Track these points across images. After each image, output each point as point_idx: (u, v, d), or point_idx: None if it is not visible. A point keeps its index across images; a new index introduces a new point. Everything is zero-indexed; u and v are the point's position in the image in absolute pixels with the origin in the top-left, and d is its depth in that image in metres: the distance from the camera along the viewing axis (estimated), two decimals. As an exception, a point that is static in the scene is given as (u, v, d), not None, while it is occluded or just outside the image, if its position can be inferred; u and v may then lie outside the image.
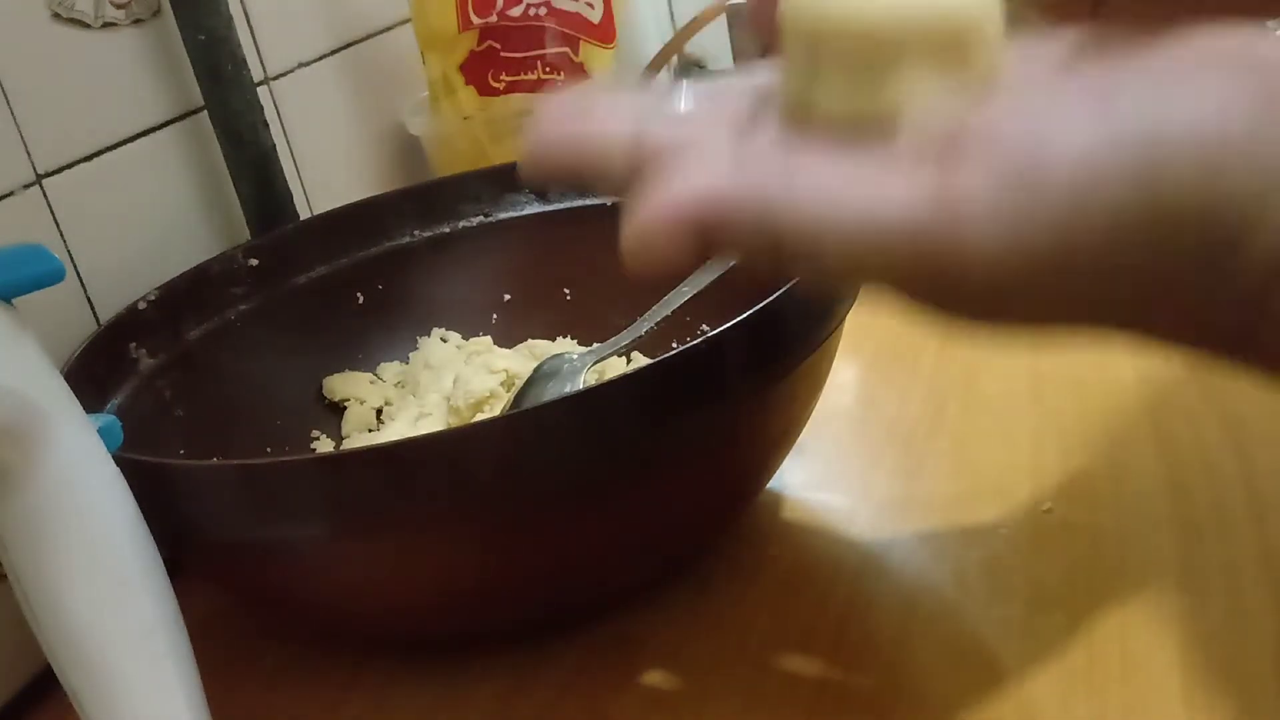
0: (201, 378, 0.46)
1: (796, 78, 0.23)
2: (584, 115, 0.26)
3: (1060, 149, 0.19)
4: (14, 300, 0.28)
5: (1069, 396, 0.47)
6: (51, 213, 0.45)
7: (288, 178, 0.55)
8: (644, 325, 0.43)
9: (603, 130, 0.25)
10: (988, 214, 0.19)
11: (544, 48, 0.63)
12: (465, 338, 0.53)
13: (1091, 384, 0.47)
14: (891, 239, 0.20)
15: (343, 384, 0.51)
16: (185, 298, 0.47)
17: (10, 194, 0.43)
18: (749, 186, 0.22)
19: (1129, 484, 0.41)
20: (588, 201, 0.52)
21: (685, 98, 0.27)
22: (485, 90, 0.64)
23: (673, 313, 0.43)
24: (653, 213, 0.22)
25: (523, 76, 0.63)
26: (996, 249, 0.19)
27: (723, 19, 0.70)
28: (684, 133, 0.25)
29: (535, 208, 0.53)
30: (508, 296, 0.54)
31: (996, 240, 0.19)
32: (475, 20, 0.62)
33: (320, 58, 0.61)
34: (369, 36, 0.65)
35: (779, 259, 0.21)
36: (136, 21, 0.50)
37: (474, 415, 0.47)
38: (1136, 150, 0.19)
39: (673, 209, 0.22)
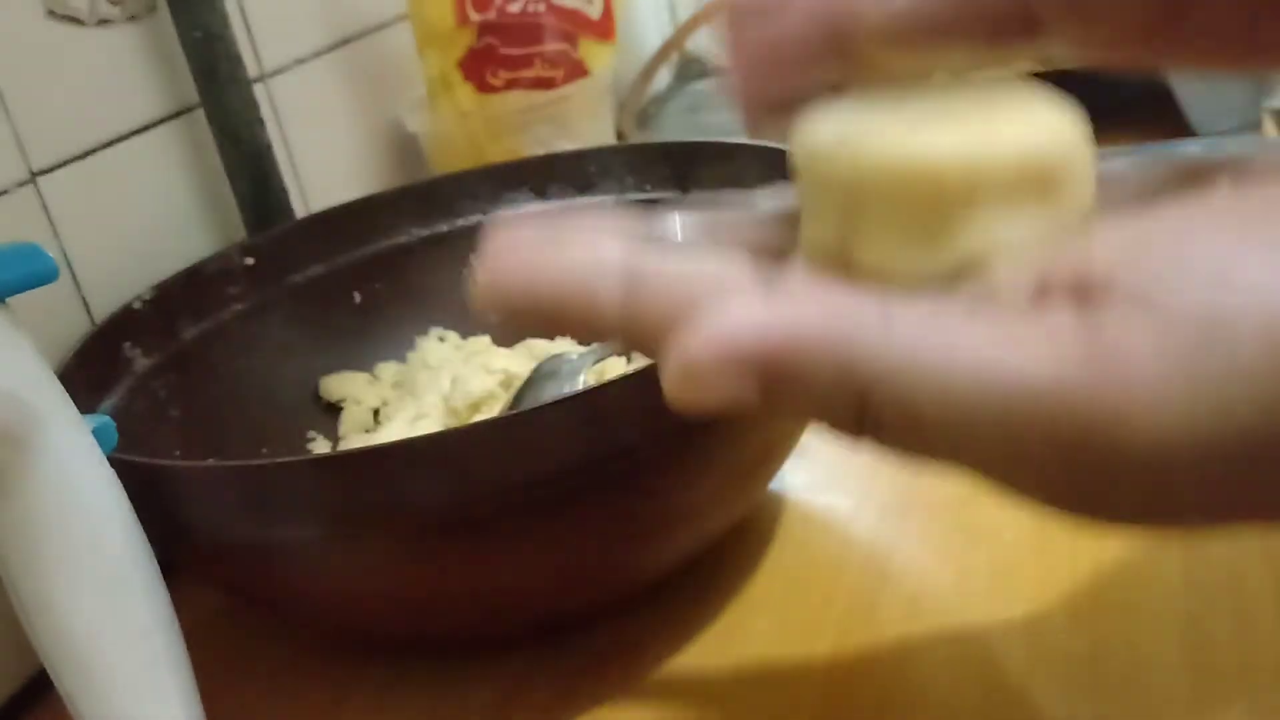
0: (197, 378, 0.45)
1: (825, 228, 0.19)
2: (557, 241, 0.20)
3: (1246, 288, 0.15)
4: (8, 299, 0.28)
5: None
6: (46, 211, 0.45)
7: (284, 175, 0.55)
8: (644, 325, 0.43)
9: (586, 258, 0.20)
10: (1159, 376, 0.15)
11: (543, 44, 0.63)
12: (463, 337, 0.53)
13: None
14: (1022, 407, 0.15)
15: (340, 384, 0.50)
16: (181, 297, 0.46)
17: (4, 192, 0.43)
18: (832, 320, 0.17)
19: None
20: (587, 200, 0.52)
21: (678, 228, 0.22)
22: (483, 87, 0.63)
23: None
24: (706, 346, 0.17)
25: (521, 73, 0.63)
26: (1172, 420, 0.15)
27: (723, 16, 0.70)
28: (695, 270, 0.19)
29: (534, 206, 0.53)
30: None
31: (1174, 408, 0.15)
32: (473, 17, 0.62)
33: (317, 55, 0.61)
34: (366, 33, 0.65)
35: (861, 417, 0.17)
36: (132, 18, 0.50)
37: (472, 416, 0.47)
38: None
39: (732, 343, 0.17)
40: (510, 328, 0.21)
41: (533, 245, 0.21)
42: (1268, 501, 0.16)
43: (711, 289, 0.19)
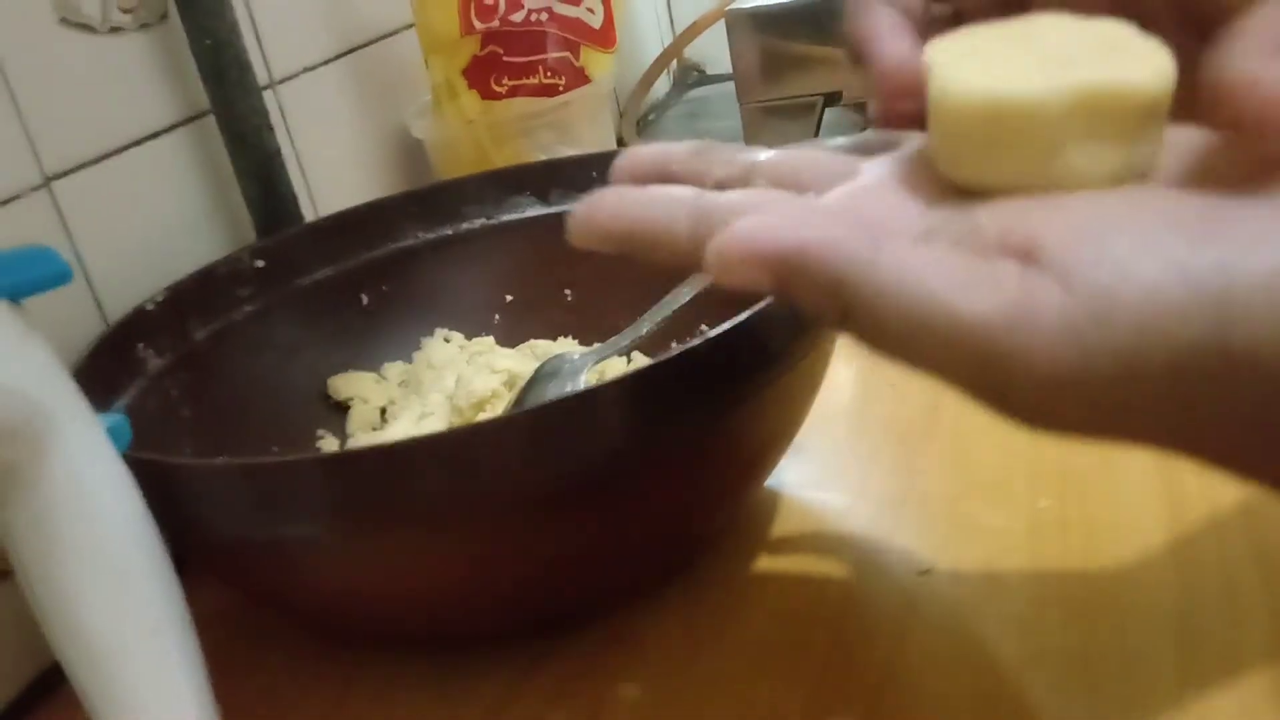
0: (208, 378, 0.46)
1: (930, 138, 0.25)
2: (642, 189, 0.27)
3: (1137, 284, 0.20)
4: (23, 301, 0.28)
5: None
6: (60, 215, 0.45)
7: (293, 180, 0.55)
8: (644, 325, 0.44)
9: (663, 195, 0.26)
10: (1058, 332, 0.20)
11: (545, 52, 0.64)
12: (468, 338, 0.53)
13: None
14: (959, 335, 0.21)
15: (347, 384, 0.51)
16: (192, 299, 0.47)
17: (19, 196, 0.44)
18: (835, 243, 0.22)
19: (1125, 481, 0.41)
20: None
21: (761, 152, 0.28)
22: (488, 94, 0.64)
23: (673, 313, 0.43)
24: (736, 242, 0.22)
25: (525, 80, 0.64)
26: (1060, 367, 0.20)
27: (721, 24, 0.70)
28: (750, 193, 0.26)
29: (537, 210, 0.53)
30: (510, 297, 0.54)
31: (1061, 359, 0.20)
32: (477, 25, 0.63)
33: (325, 62, 0.62)
34: (373, 41, 0.66)
35: (844, 318, 0.22)
36: (143, 26, 0.50)
37: (476, 415, 0.47)
38: (1210, 298, 0.19)
39: (755, 244, 0.22)
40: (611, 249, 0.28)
41: (622, 190, 0.27)
42: (1136, 433, 0.21)
43: (763, 202, 0.25)
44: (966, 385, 0.21)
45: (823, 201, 0.26)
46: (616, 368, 0.48)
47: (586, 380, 0.45)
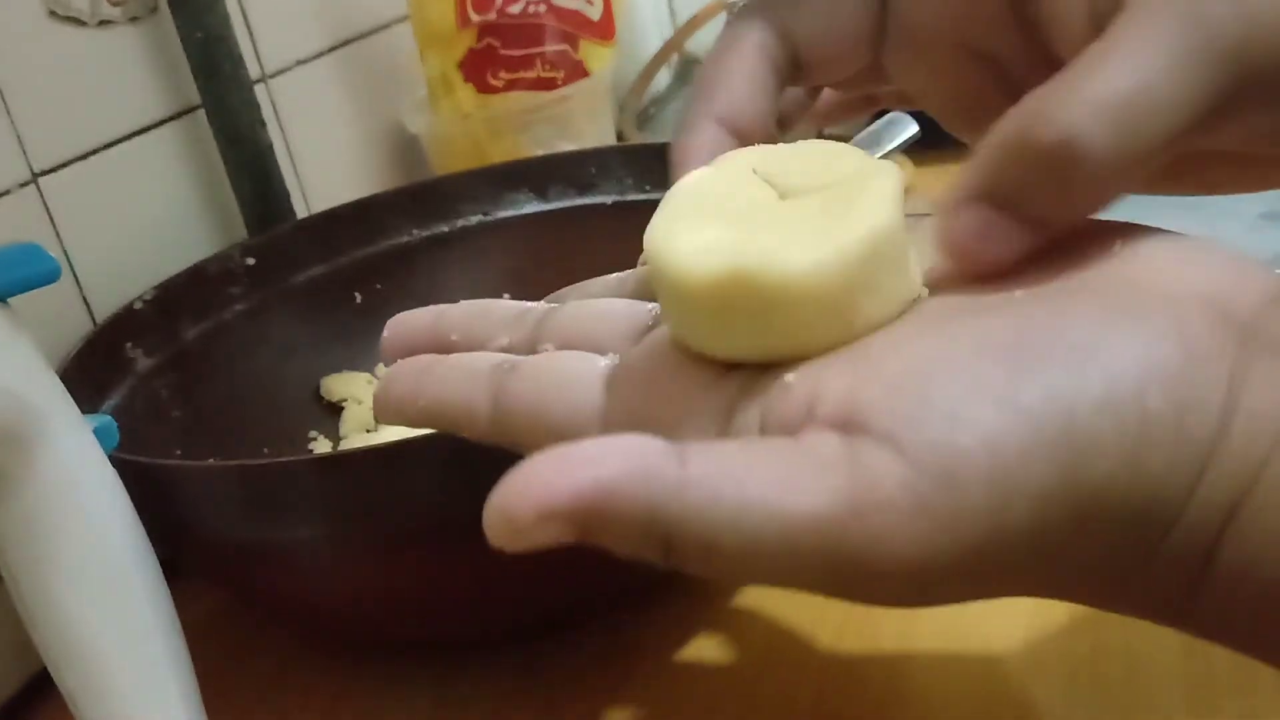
0: (198, 378, 0.46)
1: (664, 312, 0.23)
2: (440, 353, 0.26)
3: (974, 432, 0.17)
4: (9, 300, 0.28)
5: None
6: (48, 211, 0.45)
7: (285, 176, 0.55)
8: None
9: (460, 368, 0.25)
10: (905, 508, 0.17)
11: (543, 45, 0.63)
12: (464, 337, 0.53)
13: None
14: (797, 539, 0.18)
15: (341, 384, 0.50)
16: (182, 297, 0.47)
17: (6, 192, 0.43)
18: (641, 471, 0.18)
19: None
20: (587, 201, 0.52)
21: (540, 307, 0.27)
22: (484, 88, 0.64)
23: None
24: (522, 499, 0.18)
25: (522, 74, 0.63)
26: (919, 548, 0.17)
27: (722, 16, 0.70)
28: (545, 363, 0.25)
29: (534, 207, 0.53)
30: (507, 296, 0.54)
31: (918, 537, 0.17)
32: (474, 18, 0.62)
33: (318, 55, 0.61)
34: (367, 34, 0.65)
35: (668, 552, 0.19)
36: (133, 19, 0.50)
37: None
38: (1054, 433, 0.17)
39: (545, 498, 0.18)
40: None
41: (418, 366, 0.26)
42: (1007, 589, 0.19)
43: (558, 387, 0.24)
44: (824, 588, 0.19)
45: (620, 370, 0.24)
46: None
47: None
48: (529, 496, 0.18)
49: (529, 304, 0.28)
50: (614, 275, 0.29)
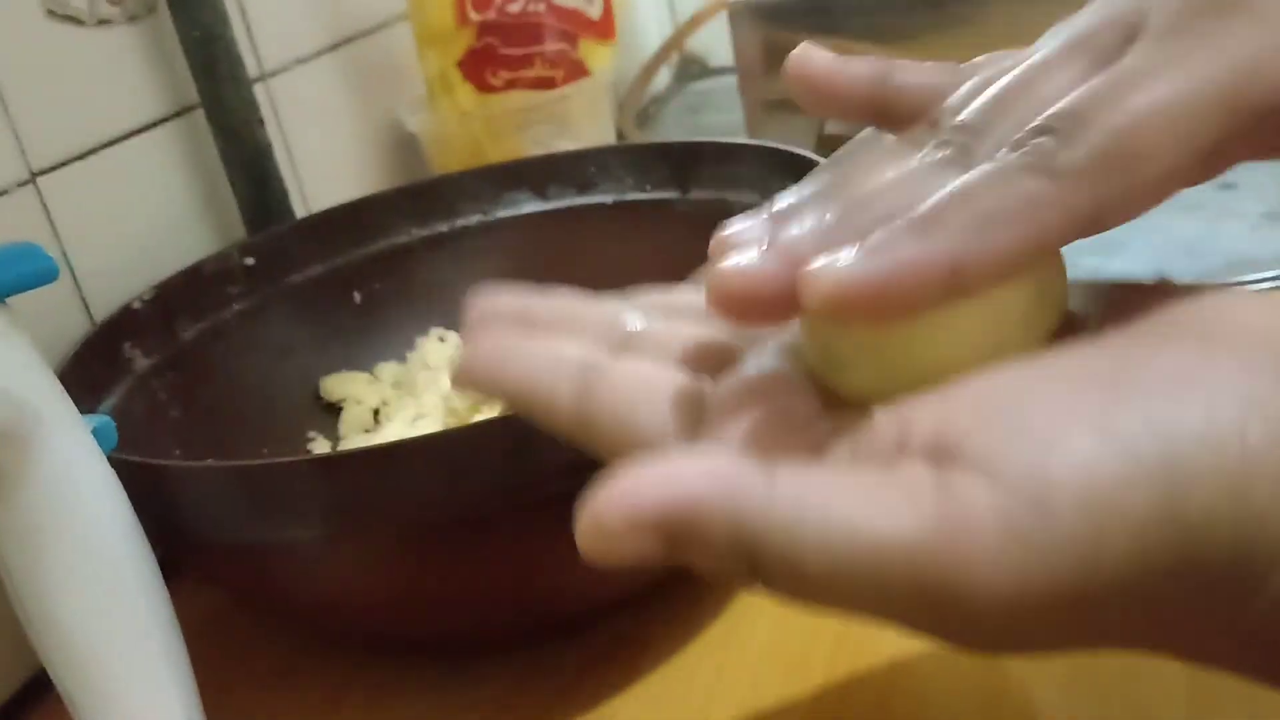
0: (197, 378, 0.45)
1: (800, 338, 0.23)
2: (527, 331, 0.25)
3: (1069, 460, 0.17)
4: (7, 299, 0.28)
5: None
6: (46, 211, 0.45)
7: (284, 175, 0.55)
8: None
9: (548, 355, 0.24)
10: (998, 534, 0.17)
11: (543, 44, 0.63)
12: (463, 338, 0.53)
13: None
14: (887, 562, 0.17)
15: (339, 384, 0.50)
16: (180, 297, 0.46)
17: (4, 192, 0.43)
18: (722, 486, 0.18)
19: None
20: (587, 200, 0.52)
21: (636, 318, 0.26)
22: (483, 87, 0.63)
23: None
24: (612, 508, 0.18)
25: (522, 73, 0.63)
26: (1011, 575, 0.17)
27: (723, 15, 0.70)
28: (637, 373, 0.23)
29: (534, 206, 0.53)
30: (506, 295, 0.54)
31: (1010, 568, 0.17)
32: (473, 16, 0.62)
33: (317, 54, 0.61)
34: (366, 33, 0.65)
35: (754, 570, 0.18)
36: (132, 18, 0.50)
37: (472, 416, 0.47)
38: (1153, 463, 0.17)
39: (634, 508, 0.18)
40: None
41: (504, 339, 0.25)
42: (1097, 639, 0.19)
43: (642, 396, 0.23)
44: (913, 619, 0.19)
45: (716, 396, 0.23)
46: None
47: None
48: (620, 505, 0.18)
49: (619, 305, 0.27)
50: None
